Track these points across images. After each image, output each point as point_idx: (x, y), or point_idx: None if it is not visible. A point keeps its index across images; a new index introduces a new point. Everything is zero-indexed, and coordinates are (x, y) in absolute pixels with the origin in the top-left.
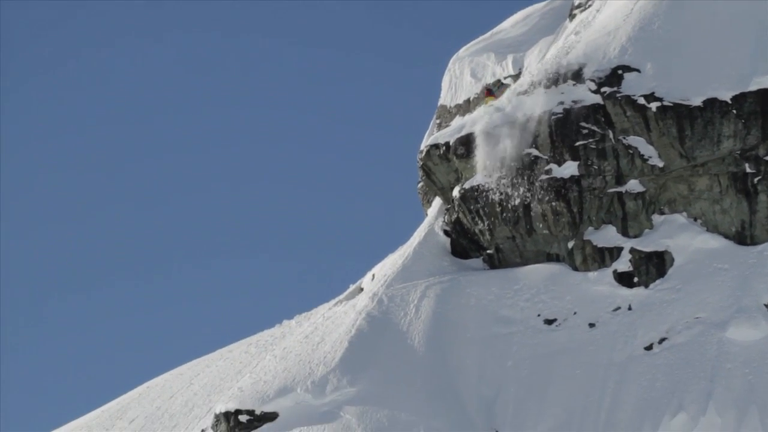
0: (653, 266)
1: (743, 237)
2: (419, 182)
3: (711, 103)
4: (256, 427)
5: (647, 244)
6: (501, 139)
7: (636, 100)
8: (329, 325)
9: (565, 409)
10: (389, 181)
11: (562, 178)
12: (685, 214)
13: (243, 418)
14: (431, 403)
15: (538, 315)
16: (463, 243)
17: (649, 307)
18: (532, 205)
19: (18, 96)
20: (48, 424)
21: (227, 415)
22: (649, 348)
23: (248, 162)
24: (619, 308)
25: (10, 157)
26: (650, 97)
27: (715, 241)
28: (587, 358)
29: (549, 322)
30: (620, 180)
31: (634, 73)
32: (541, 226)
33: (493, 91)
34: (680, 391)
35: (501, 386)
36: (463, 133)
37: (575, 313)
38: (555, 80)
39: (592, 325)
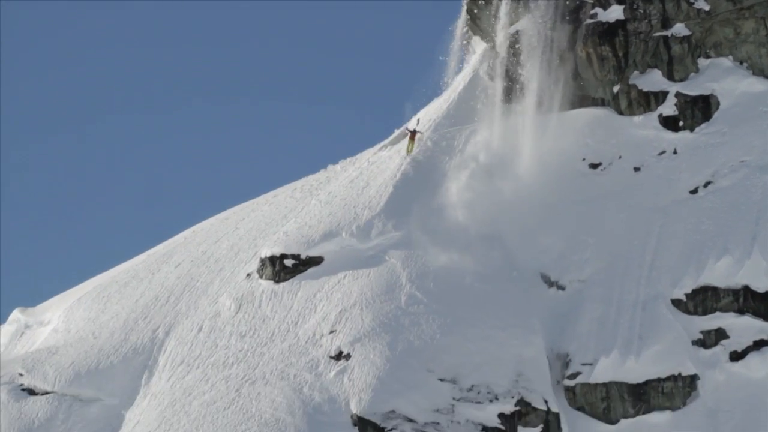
0: (699, 110)
1: None
2: (464, 27)
3: None
4: (302, 271)
5: (693, 87)
6: None
7: None
8: (374, 170)
9: (611, 252)
10: (435, 24)
11: (607, 22)
12: (731, 57)
13: (288, 262)
14: (477, 247)
15: (583, 159)
16: (507, 87)
17: (695, 150)
18: (577, 49)
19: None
20: (95, 269)
21: (272, 259)
22: (694, 191)
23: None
24: (664, 152)
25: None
26: None
27: (761, 85)
28: (632, 201)
29: (594, 166)
30: (666, 24)
31: None
32: (586, 70)
33: (416, 131)
34: (725, 234)
35: (547, 230)
36: None
37: (620, 157)
38: None
39: (637, 169)
